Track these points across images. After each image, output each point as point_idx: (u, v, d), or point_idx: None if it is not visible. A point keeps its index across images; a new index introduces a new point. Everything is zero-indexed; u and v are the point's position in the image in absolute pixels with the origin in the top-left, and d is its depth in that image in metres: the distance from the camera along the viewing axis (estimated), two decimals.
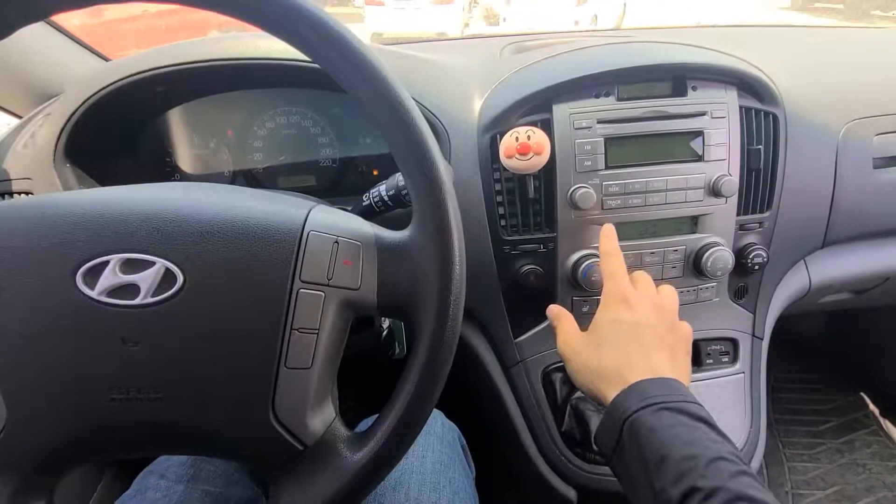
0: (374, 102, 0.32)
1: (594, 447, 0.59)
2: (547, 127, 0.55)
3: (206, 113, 0.65)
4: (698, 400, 0.38)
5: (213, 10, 0.31)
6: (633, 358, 0.41)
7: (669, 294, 0.47)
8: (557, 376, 0.62)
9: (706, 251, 0.57)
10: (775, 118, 0.60)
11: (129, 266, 0.29)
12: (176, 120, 0.65)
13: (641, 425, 0.36)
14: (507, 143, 0.54)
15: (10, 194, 0.57)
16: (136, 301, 0.29)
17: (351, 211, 0.48)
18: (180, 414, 0.31)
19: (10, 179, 0.56)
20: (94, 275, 0.29)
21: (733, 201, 0.58)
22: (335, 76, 0.32)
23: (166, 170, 0.66)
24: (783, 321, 0.69)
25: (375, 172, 0.69)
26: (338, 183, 0.68)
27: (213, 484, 0.49)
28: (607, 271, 0.48)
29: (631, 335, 0.42)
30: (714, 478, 0.31)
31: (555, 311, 0.50)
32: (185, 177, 0.67)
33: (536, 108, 0.56)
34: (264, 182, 0.68)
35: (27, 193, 0.56)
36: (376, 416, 0.49)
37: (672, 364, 0.41)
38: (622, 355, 0.41)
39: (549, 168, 0.55)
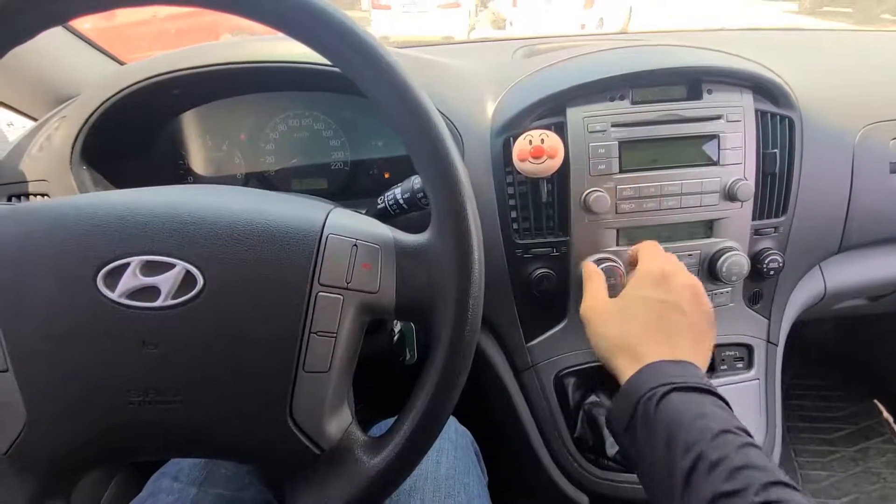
0: (395, 106, 0.31)
1: (609, 456, 0.59)
2: (560, 130, 0.55)
3: (220, 116, 0.65)
4: (714, 387, 0.38)
5: (234, 13, 0.31)
6: (655, 336, 0.41)
7: (701, 285, 0.46)
8: (570, 381, 0.61)
9: (721, 256, 0.57)
10: (791, 122, 0.59)
11: (150, 268, 0.29)
12: (190, 123, 0.65)
13: (651, 405, 0.36)
14: (521, 146, 0.53)
15: (27, 196, 0.57)
16: (157, 303, 0.29)
17: (365, 214, 0.48)
18: (198, 417, 0.31)
19: (27, 181, 0.57)
20: (114, 277, 0.29)
21: (749, 206, 0.58)
22: (355, 79, 0.32)
23: (179, 172, 0.67)
24: (796, 326, 0.68)
25: (387, 175, 0.69)
26: (349, 186, 0.68)
27: (226, 487, 0.49)
28: (646, 251, 0.49)
29: (657, 313, 0.42)
30: (720, 448, 0.32)
31: (588, 269, 0.51)
32: (198, 179, 0.67)
33: (550, 111, 0.56)
34: (276, 185, 0.68)
35: (43, 195, 0.57)
36: (387, 420, 0.49)
37: (693, 349, 0.41)
38: (643, 331, 0.41)
39: (563, 172, 0.55)
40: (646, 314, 0.42)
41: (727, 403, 0.37)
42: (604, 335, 0.44)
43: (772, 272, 0.59)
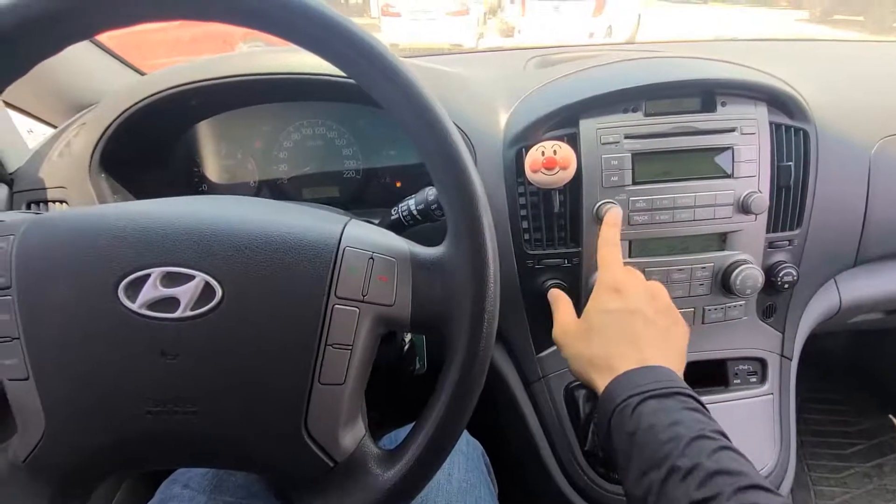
0: (411, 118, 0.32)
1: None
2: (573, 141, 0.55)
3: (235, 125, 0.66)
4: (687, 386, 0.38)
5: (250, 27, 0.32)
6: (622, 347, 0.42)
7: (660, 286, 0.48)
8: (580, 393, 0.61)
9: (735, 269, 0.56)
10: (806, 134, 0.59)
11: (170, 279, 0.30)
12: (205, 132, 0.66)
13: (626, 415, 0.37)
14: (533, 157, 0.53)
15: (46, 202, 0.58)
16: (176, 314, 0.29)
17: (378, 224, 0.49)
18: (215, 427, 0.31)
19: (46, 188, 0.58)
20: (135, 288, 0.30)
21: (763, 218, 0.57)
22: (371, 91, 0.32)
23: (194, 180, 0.67)
24: (810, 339, 0.67)
25: (398, 184, 0.69)
26: (361, 195, 0.69)
27: (235, 495, 0.49)
28: (603, 261, 0.49)
29: (620, 324, 0.43)
30: (693, 456, 0.32)
31: (554, 294, 0.51)
32: (212, 187, 0.68)
33: (563, 122, 0.56)
34: (289, 193, 0.69)
35: (62, 202, 0.57)
36: (397, 430, 0.49)
37: (663, 350, 0.42)
38: (611, 344, 0.42)
39: (575, 183, 0.55)
40: (609, 326, 0.44)
41: (702, 404, 0.37)
42: (576, 354, 0.45)
43: (786, 285, 0.59)
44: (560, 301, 0.50)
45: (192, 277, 0.30)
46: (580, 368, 0.44)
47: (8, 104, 0.67)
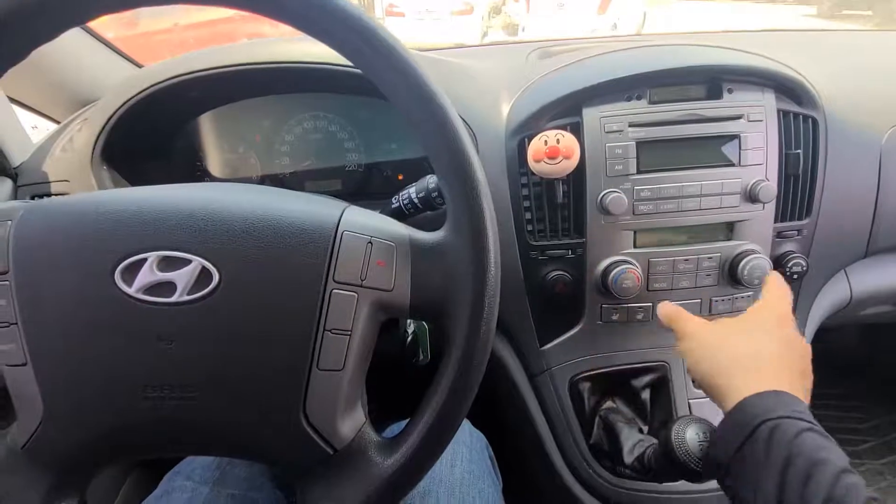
0: (412, 104, 0.31)
1: (626, 464, 0.57)
2: (577, 130, 0.55)
3: (236, 118, 0.66)
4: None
5: (261, 13, 0.32)
6: (784, 368, 0.37)
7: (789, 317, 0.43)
8: (585, 386, 0.60)
9: (742, 259, 0.55)
10: (815, 122, 0.58)
11: (167, 264, 0.29)
12: (207, 125, 0.66)
13: (792, 433, 0.32)
14: (536, 146, 0.53)
15: (49, 195, 0.58)
16: (173, 299, 0.29)
17: (380, 213, 0.48)
18: (212, 413, 0.30)
19: (49, 181, 0.58)
20: (131, 272, 0.29)
21: (771, 207, 0.56)
22: (373, 78, 0.32)
23: (196, 174, 0.67)
24: (818, 332, 0.66)
25: (401, 177, 0.69)
26: (363, 187, 0.69)
27: (237, 487, 0.49)
28: (774, 287, 0.45)
29: (786, 347, 0.39)
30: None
31: (670, 310, 0.46)
32: (214, 181, 0.68)
33: (566, 111, 0.55)
34: (291, 186, 0.69)
35: (65, 195, 0.58)
36: (399, 422, 0.49)
37: (805, 399, 0.37)
38: (774, 358, 0.38)
39: (579, 172, 0.54)
40: (776, 342, 0.39)
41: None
42: (725, 346, 0.39)
43: (795, 276, 0.58)
44: (683, 314, 0.45)
45: (188, 262, 0.29)
46: (720, 364, 0.38)
47: (12, 100, 0.67)
